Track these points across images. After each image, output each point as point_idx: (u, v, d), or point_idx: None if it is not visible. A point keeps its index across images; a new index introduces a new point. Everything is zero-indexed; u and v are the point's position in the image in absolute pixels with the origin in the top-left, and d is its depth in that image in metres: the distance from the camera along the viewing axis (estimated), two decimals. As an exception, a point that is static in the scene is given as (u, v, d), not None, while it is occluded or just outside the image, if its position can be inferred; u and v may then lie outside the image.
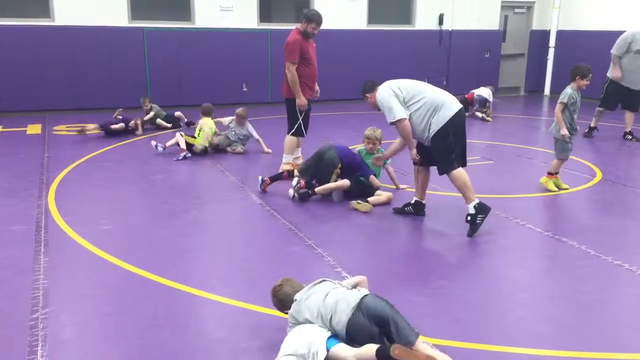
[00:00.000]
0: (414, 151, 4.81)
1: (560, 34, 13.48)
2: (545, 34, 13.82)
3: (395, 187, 5.83)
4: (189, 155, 7.09)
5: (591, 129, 8.53)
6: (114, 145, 7.74)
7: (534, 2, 13.95)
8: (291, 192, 5.49)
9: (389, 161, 5.72)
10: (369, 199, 5.29)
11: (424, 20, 12.71)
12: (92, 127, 8.18)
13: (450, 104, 4.56)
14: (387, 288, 3.59)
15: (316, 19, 6.01)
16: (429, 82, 5.10)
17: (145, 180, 6.24)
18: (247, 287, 3.65)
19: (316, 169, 5.56)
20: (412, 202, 5.08)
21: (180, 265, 3.98)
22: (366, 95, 4.85)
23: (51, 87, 9.74)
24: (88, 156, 7.14)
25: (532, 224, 4.87)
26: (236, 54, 11.27)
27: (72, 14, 9.98)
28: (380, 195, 5.41)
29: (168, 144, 7.24)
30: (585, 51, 12.30)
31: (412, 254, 4.30)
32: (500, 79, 13.64)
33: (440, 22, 12.87)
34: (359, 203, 5.22)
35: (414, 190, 5.17)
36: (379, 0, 12.48)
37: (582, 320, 3.32)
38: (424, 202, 5.07)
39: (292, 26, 11.81)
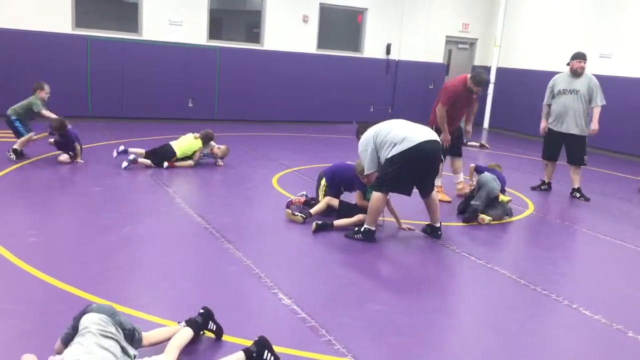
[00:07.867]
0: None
1: (500, 70, 14.11)
2: (486, 70, 14.41)
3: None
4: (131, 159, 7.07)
5: (544, 182, 7.69)
6: (49, 154, 7.40)
7: (476, 39, 14.56)
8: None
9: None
10: (317, 223, 5.26)
11: (371, 48, 13.02)
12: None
13: (411, 139, 4.80)
14: (324, 310, 3.59)
15: (480, 84, 6.33)
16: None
17: (80, 192, 6.00)
18: (179, 307, 3.53)
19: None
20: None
21: (111, 282, 3.83)
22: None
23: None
24: (20, 164, 6.82)
25: (466, 251, 4.99)
26: (183, 69, 11.14)
27: (7, 17, 9.60)
28: (350, 218, 5.33)
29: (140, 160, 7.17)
30: (523, 87, 13.04)
31: (350, 278, 4.31)
32: (443, 110, 14.08)
33: (388, 51, 13.22)
34: (294, 214, 5.34)
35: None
36: (328, 27, 12.70)
37: (509, 348, 3.41)
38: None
39: (242, 45, 12.03)
